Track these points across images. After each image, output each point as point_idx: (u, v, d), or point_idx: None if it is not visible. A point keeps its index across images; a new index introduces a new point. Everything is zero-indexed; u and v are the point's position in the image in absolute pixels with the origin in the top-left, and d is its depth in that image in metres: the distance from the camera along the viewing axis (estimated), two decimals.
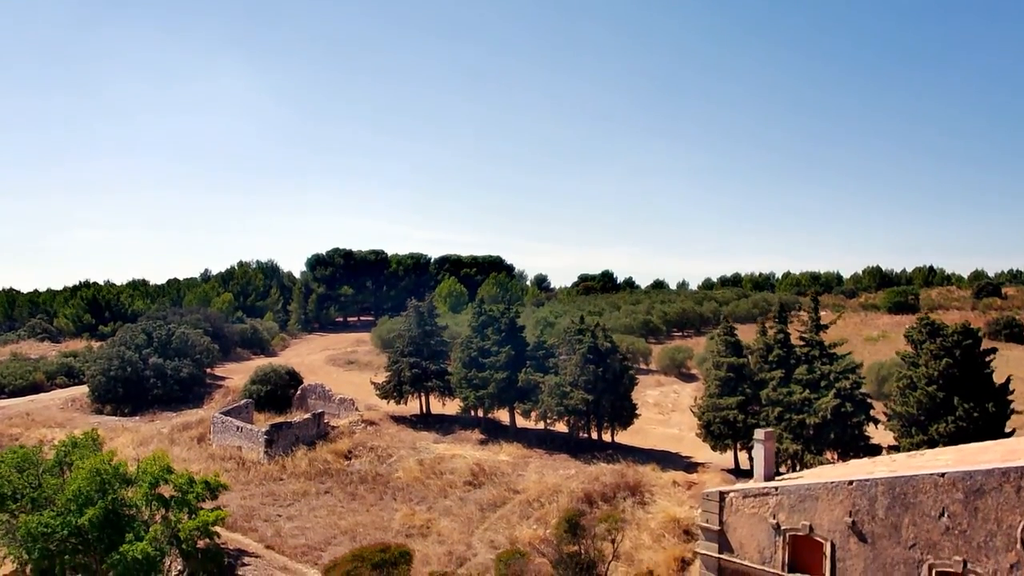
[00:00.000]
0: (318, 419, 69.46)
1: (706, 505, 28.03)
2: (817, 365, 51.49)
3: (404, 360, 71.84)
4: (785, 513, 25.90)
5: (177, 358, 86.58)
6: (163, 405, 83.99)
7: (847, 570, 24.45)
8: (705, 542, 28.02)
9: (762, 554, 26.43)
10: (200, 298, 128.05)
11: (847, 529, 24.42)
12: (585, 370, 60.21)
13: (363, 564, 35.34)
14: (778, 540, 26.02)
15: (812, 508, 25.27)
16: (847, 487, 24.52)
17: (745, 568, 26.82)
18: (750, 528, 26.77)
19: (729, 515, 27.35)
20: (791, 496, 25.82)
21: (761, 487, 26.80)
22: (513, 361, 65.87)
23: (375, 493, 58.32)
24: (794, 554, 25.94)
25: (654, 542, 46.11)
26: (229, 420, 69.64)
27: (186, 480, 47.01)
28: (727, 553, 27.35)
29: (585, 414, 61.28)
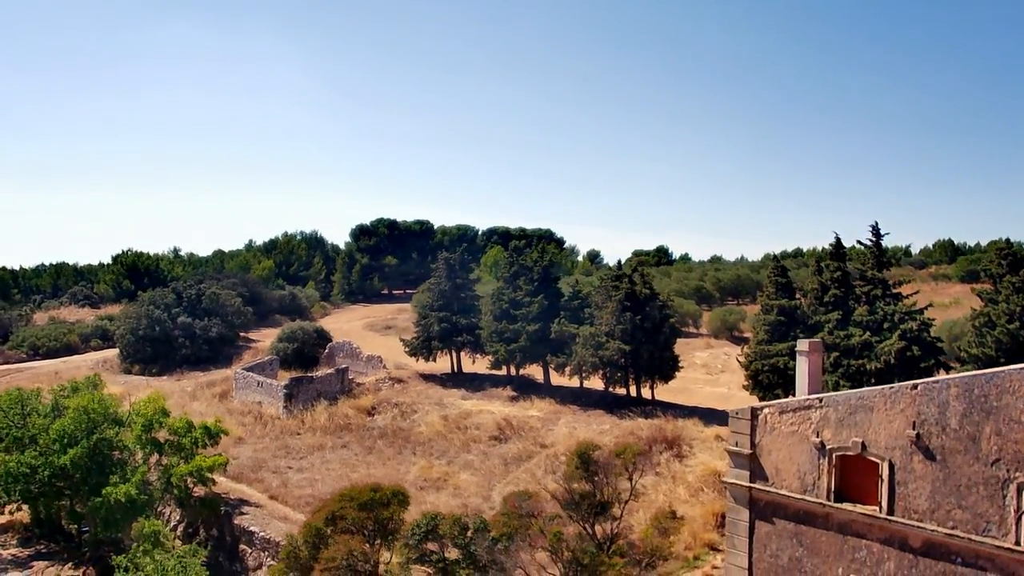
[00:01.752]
0: (342, 375, 66.06)
1: (735, 425, 23.11)
2: (879, 305, 45.66)
3: (433, 315, 67.88)
4: (832, 429, 20.87)
5: (207, 318, 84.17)
6: (192, 365, 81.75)
7: (909, 495, 19.33)
8: (734, 470, 23.13)
9: (802, 481, 21.45)
10: (240, 265, 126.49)
11: (910, 445, 19.30)
12: (622, 319, 55.31)
13: (350, 504, 31.31)
14: (823, 463, 21.01)
15: (865, 421, 20.20)
16: (910, 393, 19.37)
17: (782, 498, 21.88)
18: (788, 450, 21.80)
19: (763, 435, 22.41)
20: (839, 408, 20.76)
21: (802, 400, 21.78)
22: (546, 312, 61.31)
23: (394, 447, 54.64)
24: (842, 479, 20.92)
25: (691, 496, 41.33)
26: (251, 376, 66.78)
27: (183, 424, 43.85)
28: (760, 481, 22.43)
29: (622, 367, 56.39)
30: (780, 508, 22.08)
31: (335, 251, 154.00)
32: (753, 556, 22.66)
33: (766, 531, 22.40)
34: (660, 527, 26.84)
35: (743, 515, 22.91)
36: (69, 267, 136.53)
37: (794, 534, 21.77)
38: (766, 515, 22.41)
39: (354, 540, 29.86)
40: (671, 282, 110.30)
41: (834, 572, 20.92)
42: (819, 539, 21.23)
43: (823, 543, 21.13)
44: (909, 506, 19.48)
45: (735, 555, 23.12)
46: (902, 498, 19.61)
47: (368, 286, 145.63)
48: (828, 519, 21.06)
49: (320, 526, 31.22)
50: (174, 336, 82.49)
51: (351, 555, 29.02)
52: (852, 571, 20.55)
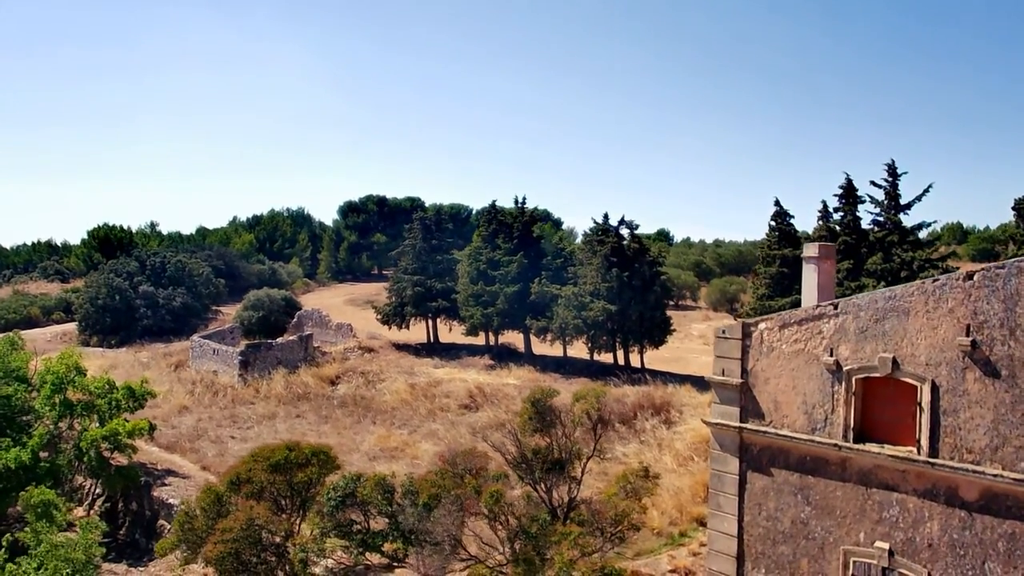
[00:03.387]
0: (305, 342, 60.51)
1: (722, 347, 17.47)
2: (896, 252, 39.91)
3: (407, 279, 62.25)
4: (851, 343, 15.20)
5: (172, 287, 78.67)
6: (155, 336, 76.29)
7: (961, 429, 13.68)
8: (720, 407, 17.49)
9: (810, 416, 15.80)
10: (220, 239, 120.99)
11: (962, 358, 13.64)
12: (607, 276, 49.70)
13: (259, 465, 25.75)
14: (838, 390, 15.35)
15: (898, 330, 14.53)
16: (963, 286, 13.71)
17: (783, 441, 16.24)
18: (792, 376, 16.14)
19: (758, 359, 16.76)
20: (862, 315, 15.10)
21: (811, 309, 16.10)
22: (526, 272, 55.72)
23: (353, 416, 49.13)
24: (865, 412, 15.28)
25: (679, 465, 35.80)
26: (207, 343, 61.29)
27: (102, 384, 38.26)
28: (754, 420, 16.79)
29: (608, 331, 50.69)
30: (780, 455, 16.44)
31: (322, 228, 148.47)
32: (744, 520, 17.07)
33: (761, 486, 16.78)
34: (627, 488, 21.23)
35: (731, 466, 17.28)
36: (43, 244, 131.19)
37: (799, 488, 16.14)
38: (761, 465, 16.79)
39: (259, 507, 24.31)
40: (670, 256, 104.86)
41: (853, 537, 15.31)
42: (833, 494, 15.60)
43: (838, 499, 15.51)
44: (960, 444, 13.84)
45: (720, 519, 17.52)
46: (950, 433, 13.97)
47: (356, 264, 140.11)
48: (845, 467, 15.42)
49: (221, 490, 25.71)
50: (136, 306, 77.03)
51: (253, 525, 23.48)
52: (878, 535, 14.94)
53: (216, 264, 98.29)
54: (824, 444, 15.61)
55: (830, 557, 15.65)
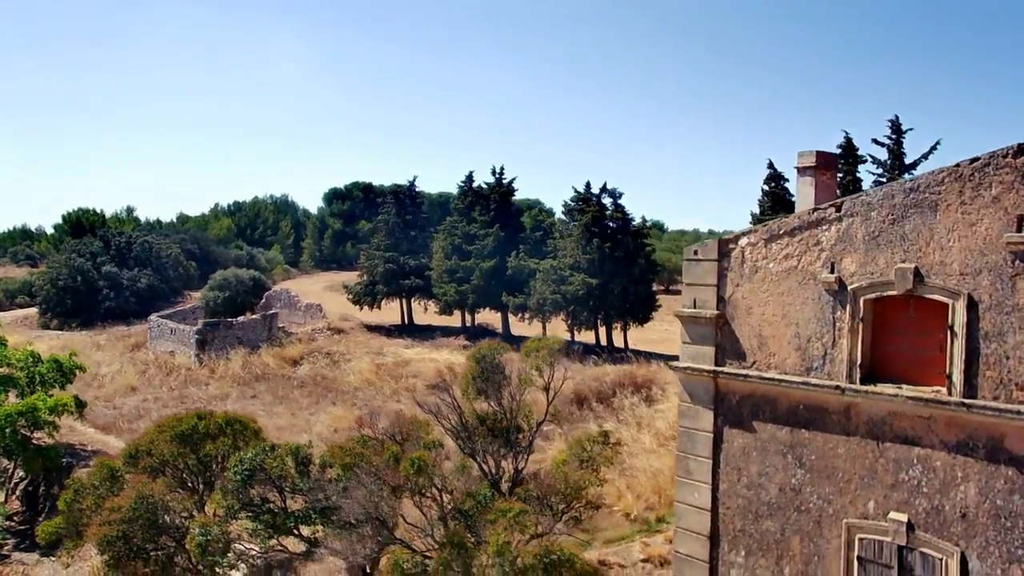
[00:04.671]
0: (269, 321, 56.79)
1: (693, 272, 13.76)
2: None
3: (378, 255, 58.41)
4: (859, 254, 11.49)
5: (138, 269, 74.84)
6: (118, 319, 72.39)
7: (1008, 357, 10.03)
8: (691, 347, 13.77)
9: (804, 353, 12.07)
10: (198, 225, 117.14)
11: (1010, 261, 9.97)
12: (588, 247, 45.91)
13: (161, 436, 22.03)
14: (840, 316, 11.63)
15: (922, 232, 10.83)
16: (1012, 164, 10.02)
17: (770, 387, 12.54)
18: (781, 302, 12.42)
19: (738, 284, 13.03)
20: (873, 216, 11.41)
21: (806, 215, 12.37)
22: (503, 246, 51.98)
23: (312, 397, 45.51)
24: (875, 346, 11.57)
25: (659, 446, 32.08)
26: (164, 323, 57.57)
27: (24, 356, 34.47)
28: (733, 362, 13.07)
29: (590, 307, 46.96)
30: (765, 405, 12.73)
31: (306, 216, 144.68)
32: (720, 489, 13.34)
33: (741, 445, 13.07)
34: (582, 456, 17.50)
35: (703, 421, 13.56)
36: (18, 231, 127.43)
37: (789, 447, 12.42)
38: (742, 418, 13.07)
39: (156, 483, 20.58)
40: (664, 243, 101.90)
41: (859, 508, 11.60)
42: (833, 453, 11.88)
43: (840, 459, 11.79)
44: (1008, 378, 10.14)
45: (690, 489, 13.80)
46: (993, 364, 10.25)
47: (341, 253, 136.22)
48: (850, 416, 11.70)
49: (115, 465, 21.98)
50: (98, 287, 73.18)
51: (147, 503, 19.76)
52: (893, 504, 11.22)
53: (190, 248, 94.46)
54: (822, 387, 11.91)
55: (829, 534, 11.95)
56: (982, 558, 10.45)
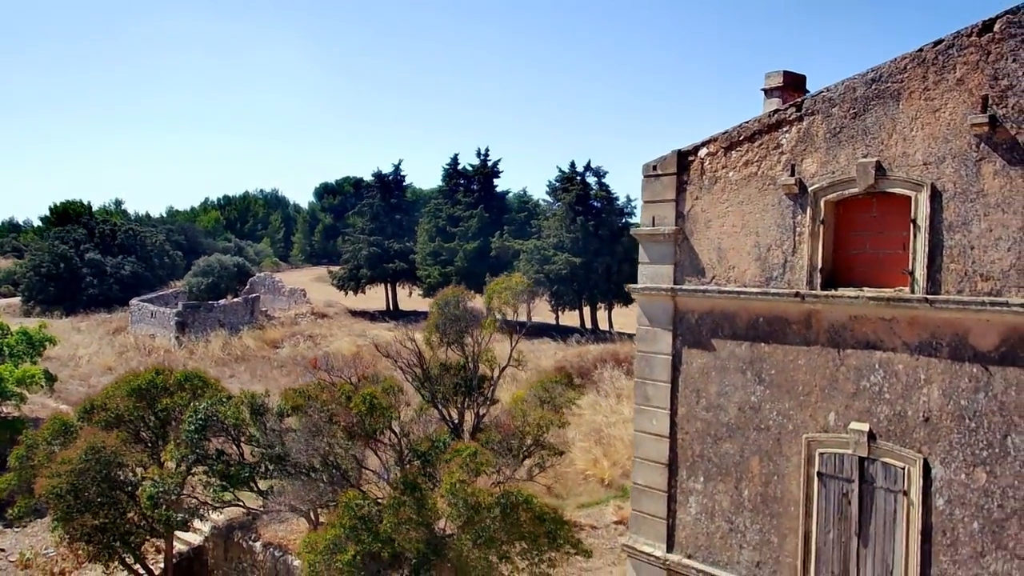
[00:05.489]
0: (251, 304, 56.07)
1: (652, 189, 13.16)
2: None
3: (363, 238, 57.74)
4: (820, 154, 10.90)
5: (122, 256, 74.04)
6: (101, 306, 71.49)
7: (972, 247, 9.48)
8: (649, 267, 13.14)
9: (764, 262, 11.45)
10: (187, 217, 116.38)
11: (974, 146, 9.38)
12: (572, 226, 45.27)
13: (118, 391, 21.34)
14: (800, 220, 11.02)
15: (884, 123, 10.26)
16: (977, 43, 9.45)
17: (729, 301, 11.95)
18: (740, 213, 11.80)
19: (697, 198, 12.42)
20: (834, 112, 10.83)
21: (766, 117, 11.77)
22: (488, 227, 51.40)
23: (291, 377, 44.57)
24: (837, 247, 10.95)
25: None
26: (145, 306, 56.81)
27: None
28: (692, 279, 12.45)
29: (574, 288, 46.31)
30: (725, 321, 12.10)
31: (297, 210, 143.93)
32: (679, 414, 12.69)
33: (700, 366, 12.43)
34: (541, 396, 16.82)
35: (662, 343, 12.92)
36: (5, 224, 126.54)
37: (748, 363, 11.79)
38: (701, 337, 12.43)
39: (110, 437, 19.87)
40: None
41: (820, 421, 10.97)
42: (793, 365, 11.26)
43: (800, 372, 11.16)
44: (973, 269, 9.52)
45: (648, 416, 13.15)
46: (958, 256, 9.64)
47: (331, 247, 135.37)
48: (810, 324, 11.07)
49: (69, 420, 21.27)
50: (81, 274, 72.36)
51: (98, 455, 19.06)
52: (854, 415, 10.60)
53: (177, 239, 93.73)
54: (782, 296, 11.28)
55: (789, 451, 11.31)
56: (945, 463, 9.82)
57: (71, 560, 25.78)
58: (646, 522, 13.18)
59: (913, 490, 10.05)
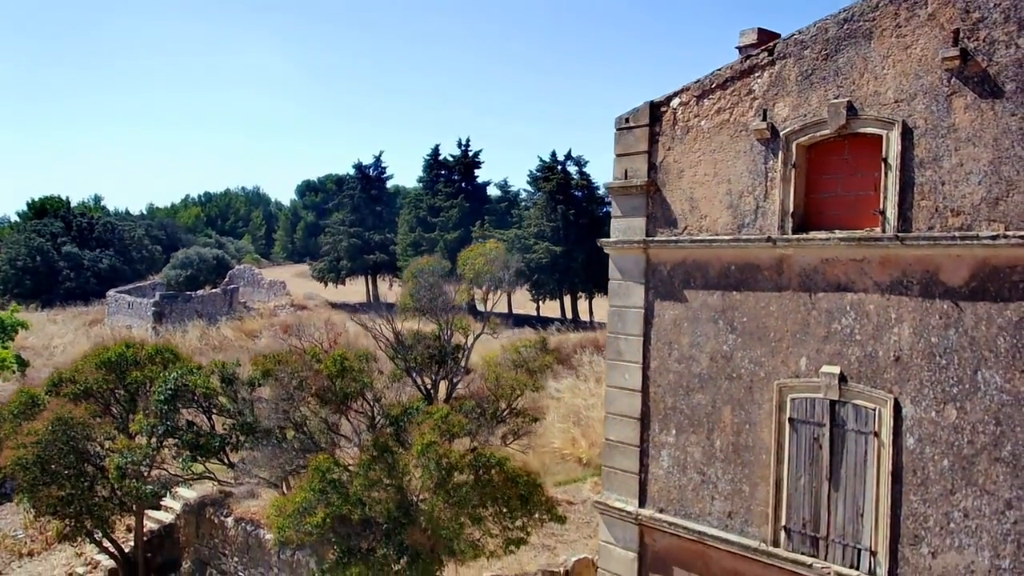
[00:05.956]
0: (230, 296, 55.60)
1: (624, 142, 13.03)
2: None
3: (342, 229, 57.39)
4: (792, 97, 10.81)
5: (100, 249, 73.25)
6: (79, 299, 70.66)
7: (943, 183, 9.45)
8: (621, 221, 13.05)
9: (736, 209, 11.35)
10: (166, 214, 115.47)
11: (945, 80, 9.31)
12: (553, 215, 45.16)
13: (87, 363, 20.99)
14: (772, 165, 10.92)
15: (855, 63, 10.20)
16: None
17: (701, 251, 11.86)
18: (712, 161, 11.69)
19: (669, 148, 12.30)
20: (806, 55, 10.75)
21: (738, 64, 11.66)
22: (468, 217, 51.21)
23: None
24: (809, 191, 10.87)
25: None
26: (122, 297, 56.22)
27: None
28: (664, 230, 12.31)
29: (554, 278, 46.18)
30: (697, 271, 11.97)
31: (278, 208, 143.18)
32: (651, 367, 12.55)
33: (673, 317, 12.30)
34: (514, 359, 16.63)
35: (634, 297, 12.79)
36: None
37: (720, 312, 11.67)
38: (673, 289, 12.31)
39: (78, 408, 19.51)
40: None
41: (791, 367, 10.86)
42: (765, 311, 11.15)
43: (772, 318, 11.05)
44: (944, 205, 9.45)
45: (620, 371, 13.02)
46: (929, 192, 9.56)
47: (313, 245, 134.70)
48: (782, 270, 10.97)
49: (35, 392, 20.88)
50: (58, 268, 71.52)
51: (65, 427, 18.70)
52: (825, 358, 10.50)
53: (157, 234, 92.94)
54: (754, 242, 11.17)
55: (760, 399, 11.20)
56: (916, 402, 9.73)
57: (40, 541, 25.35)
58: (618, 478, 13.02)
59: (884, 431, 9.94)
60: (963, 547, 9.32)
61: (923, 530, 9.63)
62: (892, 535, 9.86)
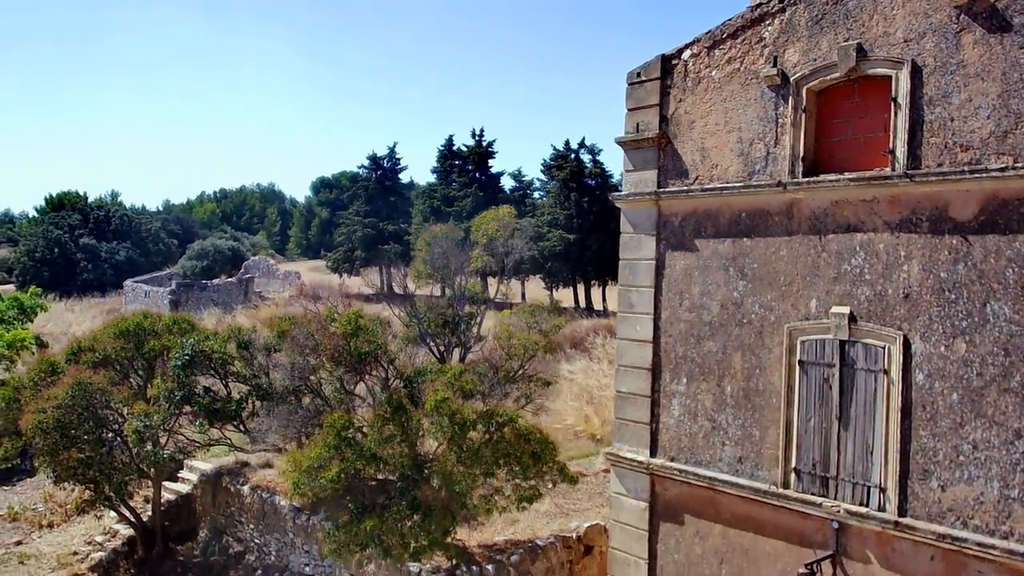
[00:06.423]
0: (245, 285, 56.02)
1: (636, 95, 13.15)
2: None
3: (357, 220, 57.69)
4: (802, 42, 10.90)
5: (117, 242, 73.92)
6: (95, 291, 71.29)
7: (952, 119, 9.48)
8: (633, 175, 13.16)
9: (746, 157, 11.44)
10: (182, 210, 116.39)
11: (955, 17, 9.40)
12: (566, 203, 45.25)
13: (106, 333, 21.30)
14: (783, 111, 11.01)
15: (865, 5, 10.29)
16: None
17: (711, 199, 11.94)
18: (723, 110, 11.78)
19: (680, 100, 12.40)
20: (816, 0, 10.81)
21: (748, 12, 11.76)
22: (482, 206, 51.08)
23: None
24: (820, 136, 10.95)
25: None
26: (139, 286, 56.74)
27: None
28: (676, 181, 12.41)
29: (569, 267, 46.28)
30: (708, 220, 12.08)
31: (293, 205, 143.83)
32: (662, 318, 12.65)
33: (684, 267, 12.40)
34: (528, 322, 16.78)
35: (646, 249, 12.90)
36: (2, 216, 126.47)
37: (731, 260, 11.77)
38: (683, 239, 12.41)
39: (98, 375, 19.78)
40: None
41: (801, 310, 10.93)
42: (776, 256, 11.24)
43: (782, 262, 11.13)
44: (953, 141, 9.51)
45: (631, 323, 13.12)
46: (938, 129, 9.63)
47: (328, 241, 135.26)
48: (792, 214, 11.06)
49: (55, 360, 21.19)
50: (76, 259, 72.17)
51: (85, 391, 18.98)
52: (835, 299, 10.58)
53: (173, 228, 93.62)
54: (765, 187, 11.26)
55: (771, 343, 11.28)
56: (925, 338, 9.80)
57: (60, 514, 25.68)
58: (629, 429, 13.13)
59: (893, 368, 10.01)
60: (972, 479, 9.38)
61: (932, 464, 9.69)
62: (901, 471, 9.92)
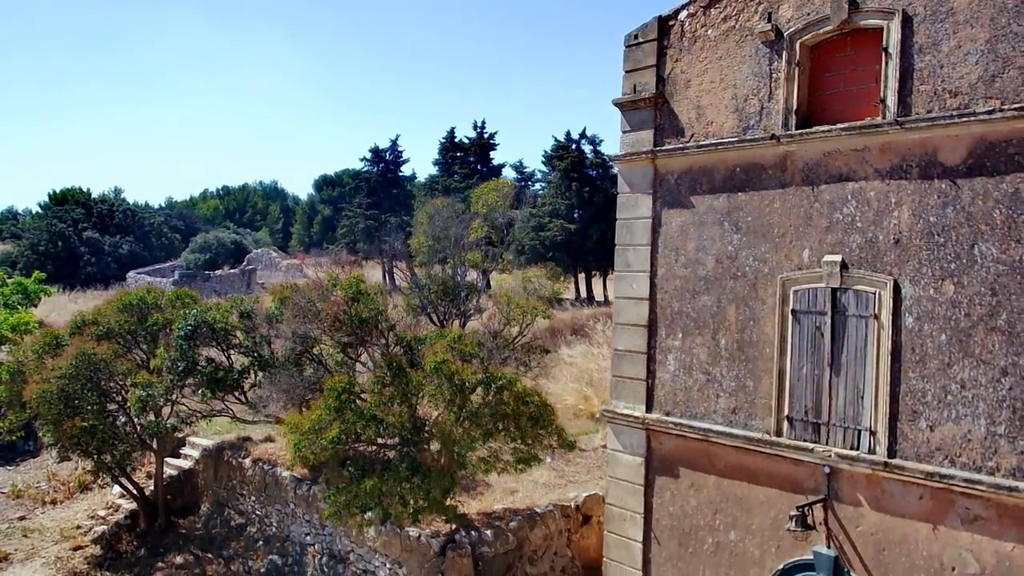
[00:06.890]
0: (248, 276, 56.27)
1: (634, 57, 13.33)
2: None
3: (359, 212, 57.91)
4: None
5: (120, 235, 74.21)
6: (99, 283, 71.55)
7: (942, 66, 9.68)
8: (629, 135, 13.34)
9: (741, 112, 11.62)
10: (185, 206, 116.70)
11: None
12: (567, 193, 45.42)
13: (109, 307, 21.52)
14: (776, 66, 11.19)
15: None
16: None
17: (707, 155, 12.13)
18: (719, 68, 11.98)
19: (677, 60, 12.60)
20: None
21: None
22: None
23: None
24: (812, 90, 11.13)
25: None
26: (142, 277, 57.03)
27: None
28: (672, 139, 12.60)
29: (570, 257, 46.41)
30: (703, 176, 12.26)
31: (296, 202, 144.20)
32: (658, 275, 12.83)
33: (680, 224, 12.58)
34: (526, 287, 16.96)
35: (642, 208, 13.09)
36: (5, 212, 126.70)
37: (726, 215, 11.94)
38: (679, 196, 12.59)
39: (101, 347, 19.99)
40: None
41: (794, 260, 11.12)
42: (769, 208, 11.42)
43: (776, 214, 11.32)
44: (942, 88, 9.69)
45: (628, 281, 13.30)
46: (928, 77, 9.81)
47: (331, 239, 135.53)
48: (786, 167, 11.24)
49: (59, 332, 21.41)
50: (79, 253, 72.48)
51: (89, 362, 19.19)
52: (827, 248, 10.76)
53: (176, 224, 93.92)
54: (759, 141, 11.44)
55: (764, 294, 11.46)
56: (914, 281, 9.97)
57: (63, 491, 25.90)
58: (626, 386, 13.31)
59: (883, 312, 10.18)
60: (960, 418, 9.55)
61: (921, 405, 9.86)
62: (891, 413, 10.10)
